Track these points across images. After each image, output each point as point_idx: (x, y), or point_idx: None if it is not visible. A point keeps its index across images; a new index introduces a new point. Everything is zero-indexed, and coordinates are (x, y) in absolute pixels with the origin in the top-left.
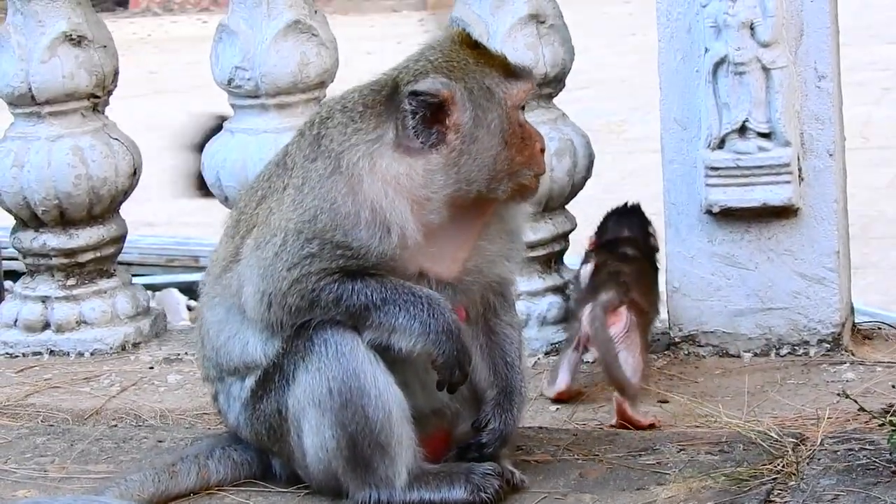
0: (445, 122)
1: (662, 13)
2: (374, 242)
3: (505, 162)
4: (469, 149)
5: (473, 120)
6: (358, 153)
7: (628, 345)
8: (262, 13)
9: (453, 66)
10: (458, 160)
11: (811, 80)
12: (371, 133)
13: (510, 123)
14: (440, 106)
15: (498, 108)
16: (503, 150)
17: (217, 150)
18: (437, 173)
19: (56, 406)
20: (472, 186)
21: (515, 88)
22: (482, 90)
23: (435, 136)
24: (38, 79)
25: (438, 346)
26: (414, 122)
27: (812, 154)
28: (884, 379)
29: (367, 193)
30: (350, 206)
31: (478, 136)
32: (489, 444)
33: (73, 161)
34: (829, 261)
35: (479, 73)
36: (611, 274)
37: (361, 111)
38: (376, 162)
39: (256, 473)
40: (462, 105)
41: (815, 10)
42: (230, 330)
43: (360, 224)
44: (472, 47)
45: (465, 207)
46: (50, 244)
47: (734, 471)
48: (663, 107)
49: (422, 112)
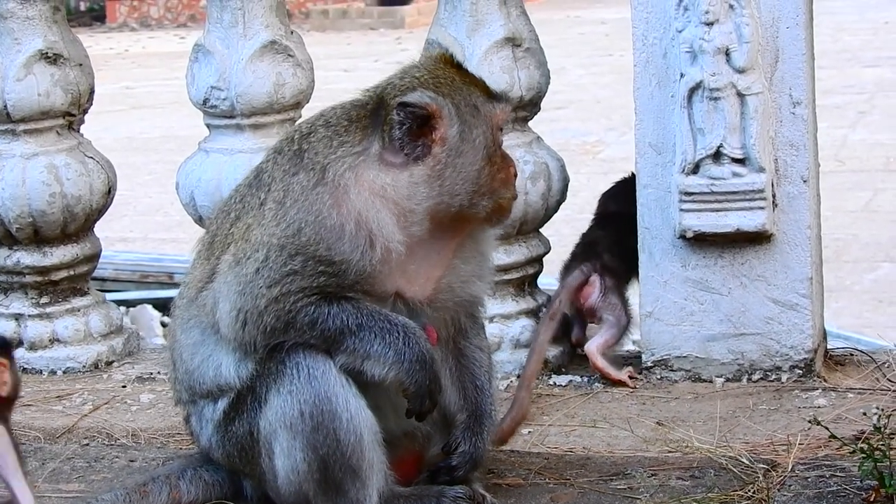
0: (431, 135)
1: (638, 38)
2: (356, 256)
3: (487, 178)
4: (454, 162)
5: (460, 135)
6: (344, 165)
7: (606, 307)
8: (238, 33)
9: (440, 83)
10: (442, 173)
11: (786, 107)
12: (357, 146)
13: (493, 142)
14: (427, 119)
15: (483, 126)
16: (486, 167)
17: (192, 169)
18: (421, 185)
19: (28, 424)
20: (454, 200)
21: (498, 109)
22: (469, 107)
23: (420, 148)
24: (14, 97)
25: (411, 376)
26: (401, 133)
27: (786, 180)
28: (855, 405)
29: (353, 205)
30: (335, 219)
31: (463, 151)
32: (459, 468)
33: (47, 179)
34: (802, 287)
35: (466, 91)
36: (585, 245)
37: (346, 125)
38: (362, 173)
39: (228, 494)
40: (449, 119)
41: (790, 36)
42: (204, 352)
43: (345, 237)
44: (454, 66)
45: (444, 225)
46: (24, 262)
47: (705, 496)
48: (638, 131)
49: (409, 123)
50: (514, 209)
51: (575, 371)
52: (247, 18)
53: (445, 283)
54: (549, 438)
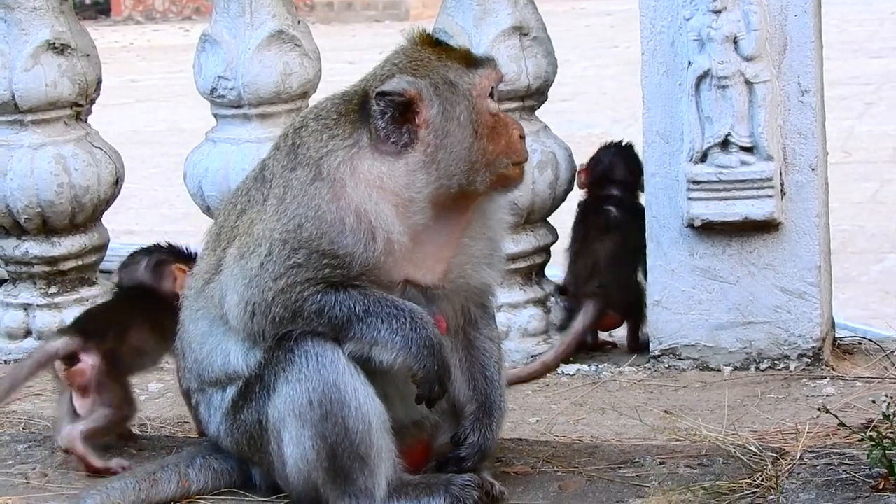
0: (415, 120)
1: (646, 26)
2: (359, 249)
3: (479, 152)
4: (443, 143)
5: (442, 114)
6: (337, 159)
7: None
8: (245, 23)
9: (417, 66)
10: (435, 156)
11: (794, 95)
12: (347, 139)
13: (479, 113)
14: (408, 105)
15: (464, 100)
16: (476, 141)
17: (199, 159)
18: (418, 172)
19: (37, 413)
20: (452, 181)
21: (478, 77)
22: (446, 84)
23: (407, 135)
24: (21, 87)
25: (419, 361)
26: (384, 123)
27: (794, 168)
28: (864, 394)
29: (351, 198)
30: (335, 212)
31: (449, 130)
32: (468, 459)
33: (55, 169)
34: (810, 275)
35: (442, 68)
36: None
37: (336, 118)
38: (357, 165)
39: (237, 483)
40: (429, 101)
41: (799, 24)
42: (213, 342)
43: (346, 230)
44: (432, 45)
45: (448, 205)
46: (32, 252)
47: (713, 484)
48: (646, 120)
49: (390, 112)
50: (522, 199)
51: (583, 360)
52: (254, 8)
53: (456, 263)
54: (558, 427)
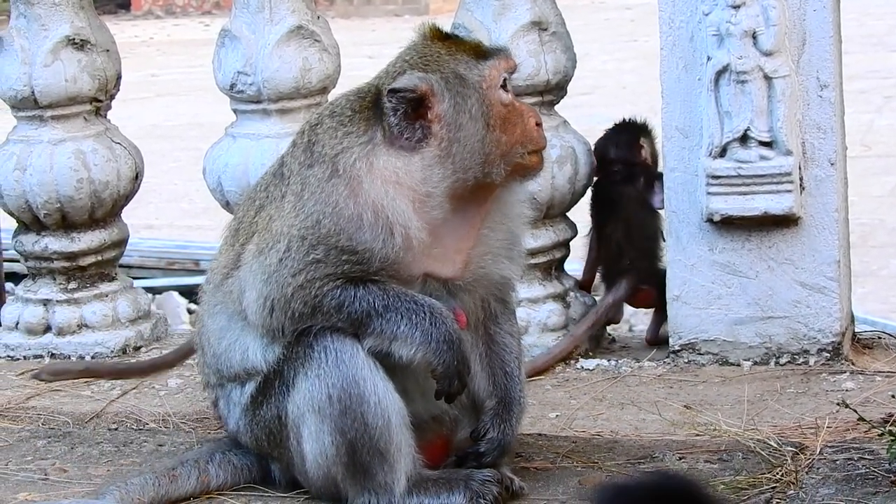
0: (428, 115)
1: (665, 21)
2: (377, 245)
3: (493, 144)
4: (457, 136)
5: (454, 107)
6: (353, 155)
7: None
8: (265, 18)
9: (427, 61)
10: (449, 149)
11: (813, 90)
12: (362, 136)
13: (490, 105)
14: (420, 100)
15: (475, 93)
16: (488, 133)
17: (219, 154)
18: (434, 167)
19: (57, 409)
20: (468, 174)
21: (487, 69)
22: (456, 77)
23: (420, 130)
24: (41, 82)
25: (439, 356)
26: (397, 119)
27: (813, 163)
28: (883, 388)
29: (368, 194)
30: (352, 209)
31: (461, 123)
32: (487, 454)
33: (75, 165)
34: (829, 270)
35: (452, 62)
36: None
37: (350, 115)
38: (373, 162)
39: (256, 478)
40: (440, 96)
41: (817, 19)
42: (231, 337)
43: (364, 226)
44: (442, 39)
45: (466, 197)
46: (52, 247)
47: (733, 479)
48: (665, 115)
49: (402, 108)
50: (542, 194)
51: (602, 355)
52: (273, 3)
53: (476, 254)
54: (577, 422)
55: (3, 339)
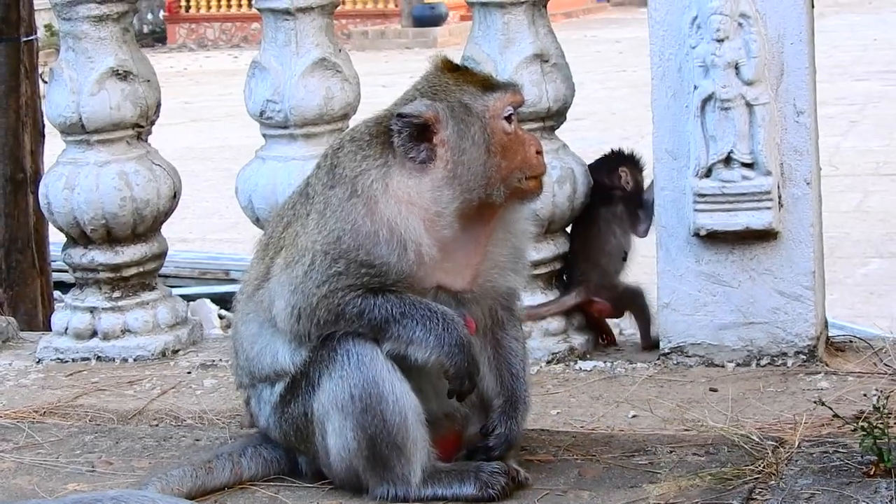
0: (433, 139)
1: (655, 54)
2: (393, 259)
3: (493, 168)
4: (461, 160)
5: (458, 134)
6: (370, 177)
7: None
8: (292, 51)
9: (436, 90)
10: (455, 171)
11: (790, 116)
12: (379, 159)
13: (492, 133)
14: (425, 126)
15: (478, 121)
16: (489, 159)
17: (249, 175)
18: (443, 188)
19: (103, 407)
20: (472, 194)
21: (492, 100)
22: (461, 107)
23: (424, 152)
24: (88, 110)
25: (451, 358)
26: (401, 140)
27: (791, 183)
28: (855, 388)
29: (384, 213)
30: (369, 226)
31: (465, 148)
32: (496, 448)
33: (119, 185)
34: (805, 280)
35: (458, 92)
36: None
37: (368, 140)
38: (388, 183)
39: (285, 470)
40: (445, 122)
41: (794, 51)
42: (262, 342)
43: (380, 242)
44: (451, 71)
45: (473, 216)
46: (98, 260)
47: (719, 471)
48: (655, 139)
49: (407, 131)
50: (543, 211)
51: (598, 357)
52: (299, 38)
53: (483, 269)
54: (576, 419)
55: (54, 343)
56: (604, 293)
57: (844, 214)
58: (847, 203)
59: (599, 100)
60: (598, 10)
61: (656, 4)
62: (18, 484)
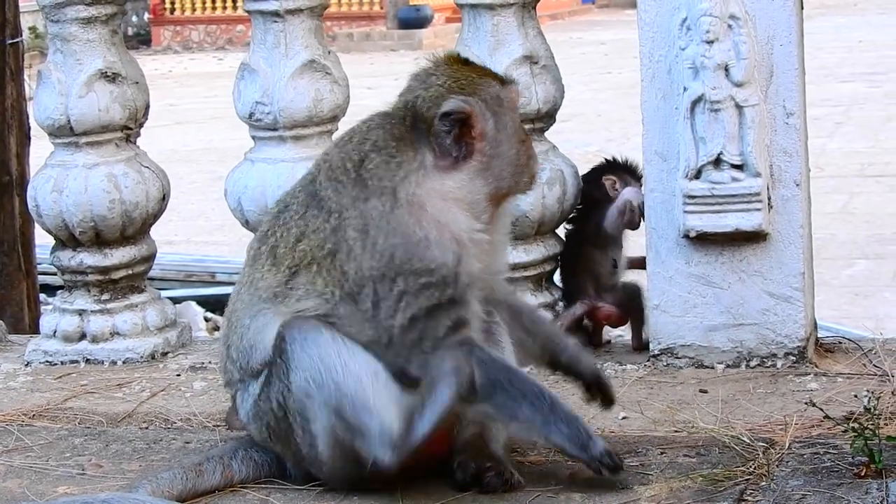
0: (471, 133)
1: (645, 55)
2: (448, 258)
3: (524, 157)
4: (496, 152)
5: (495, 126)
6: (412, 184)
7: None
8: (281, 53)
9: (463, 85)
10: (489, 164)
11: (780, 117)
12: (413, 162)
13: (518, 123)
14: (465, 121)
15: (508, 112)
16: (519, 147)
17: (238, 177)
18: (477, 180)
19: (92, 410)
20: (503, 183)
21: (511, 92)
22: (493, 99)
23: (465, 148)
24: (76, 112)
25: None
26: (450, 140)
27: (780, 184)
28: (845, 389)
29: (431, 215)
30: (419, 233)
31: (501, 140)
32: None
33: (107, 187)
34: (795, 281)
35: (486, 85)
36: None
37: (395, 145)
38: (430, 186)
39: (276, 473)
40: (482, 116)
41: (784, 53)
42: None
43: (431, 245)
44: (465, 64)
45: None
46: (86, 262)
47: (710, 472)
48: (645, 141)
49: (455, 129)
50: (533, 212)
51: None
52: (288, 40)
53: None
54: None
55: (42, 345)
56: (606, 296)
57: (830, 216)
58: (832, 204)
59: (585, 101)
60: (583, 12)
61: (646, 6)
62: (8, 487)
